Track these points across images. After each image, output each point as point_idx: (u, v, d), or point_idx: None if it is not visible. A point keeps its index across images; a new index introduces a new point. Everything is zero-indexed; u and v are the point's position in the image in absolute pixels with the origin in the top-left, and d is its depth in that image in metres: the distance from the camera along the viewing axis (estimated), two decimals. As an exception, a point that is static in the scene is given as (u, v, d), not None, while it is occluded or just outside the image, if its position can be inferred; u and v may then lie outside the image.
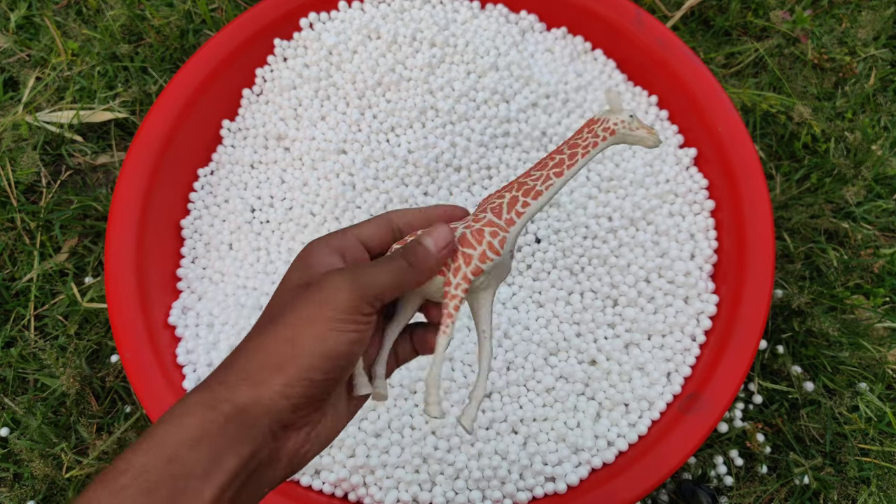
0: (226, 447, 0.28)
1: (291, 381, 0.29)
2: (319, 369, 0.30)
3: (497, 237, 0.34)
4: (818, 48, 0.87)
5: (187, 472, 0.27)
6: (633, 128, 0.36)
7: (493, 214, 0.35)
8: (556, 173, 0.36)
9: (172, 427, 0.28)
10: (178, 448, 0.27)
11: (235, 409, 0.29)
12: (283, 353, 0.30)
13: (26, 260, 0.75)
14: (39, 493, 0.65)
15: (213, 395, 0.29)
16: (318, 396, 0.31)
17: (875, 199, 0.79)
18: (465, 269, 0.34)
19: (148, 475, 0.26)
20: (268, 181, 0.72)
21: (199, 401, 0.29)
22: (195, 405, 0.29)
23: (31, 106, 0.82)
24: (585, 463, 0.60)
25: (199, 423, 0.28)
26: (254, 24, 0.74)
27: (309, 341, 0.30)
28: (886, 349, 0.71)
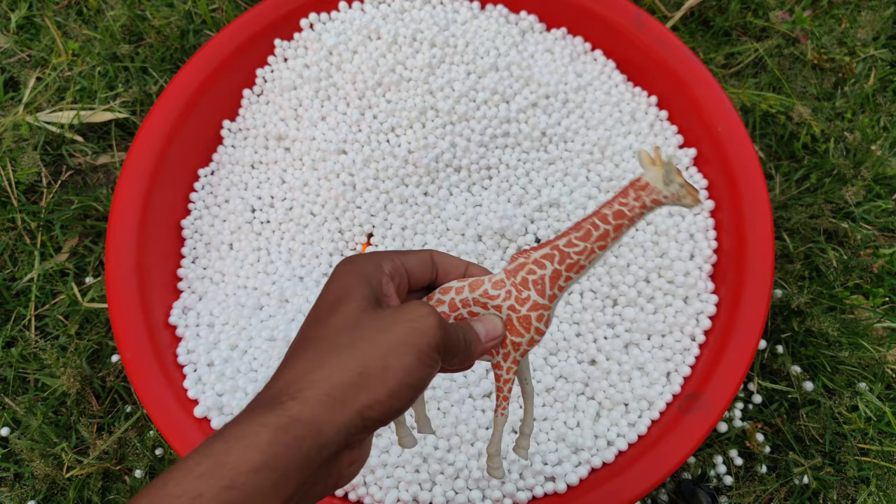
0: (291, 470, 0.26)
1: (374, 403, 0.28)
2: (401, 397, 0.29)
3: (542, 320, 0.35)
4: (818, 48, 0.87)
5: (244, 499, 0.25)
6: (681, 196, 0.33)
7: (536, 292, 0.34)
8: (599, 247, 0.34)
9: (237, 448, 0.26)
10: (241, 473, 0.25)
11: (309, 428, 0.27)
12: (370, 374, 0.29)
13: (27, 260, 0.75)
14: (40, 492, 0.65)
15: (285, 412, 0.27)
16: (386, 422, 0.30)
17: (874, 199, 0.79)
18: (514, 354, 0.35)
19: (201, 501, 0.25)
20: (268, 181, 0.72)
21: (267, 419, 0.27)
22: (263, 424, 0.27)
23: (32, 106, 0.82)
24: (585, 462, 0.60)
25: (267, 445, 0.26)
26: (254, 24, 0.74)
27: (399, 368, 0.29)
28: (886, 349, 0.71)
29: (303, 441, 0.27)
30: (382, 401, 0.28)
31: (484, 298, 0.35)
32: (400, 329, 0.30)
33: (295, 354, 0.31)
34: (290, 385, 0.29)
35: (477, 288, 0.35)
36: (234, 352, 0.63)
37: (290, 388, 0.28)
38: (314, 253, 0.68)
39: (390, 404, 0.29)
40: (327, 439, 0.27)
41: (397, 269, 0.34)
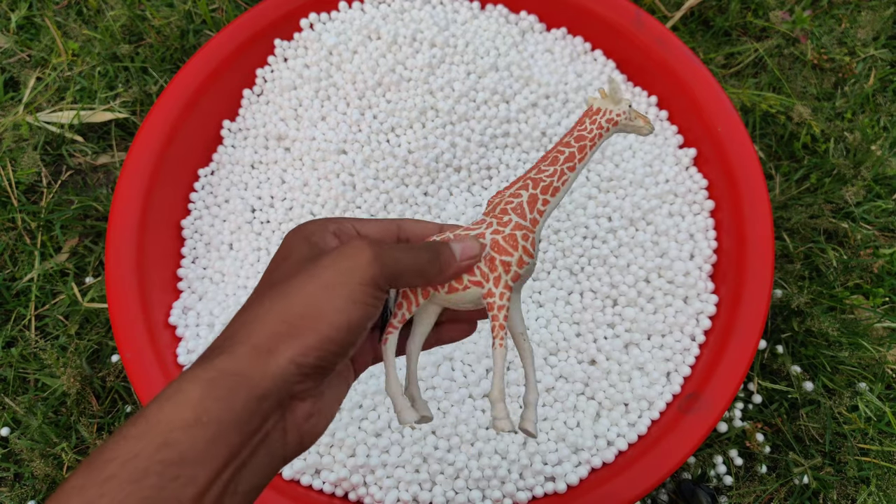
0: (229, 424, 0.26)
1: (306, 350, 0.28)
2: (336, 341, 0.28)
3: (528, 240, 0.34)
4: (818, 48, 0.87)
5: (181, 457, 0.25)
6: (633, 118, 0.36)
7: (516, 216, 0.35)
8: (569, 167, 0.36)
9: (167, 406, 0.26)
10: (173, 430, 0.25)
11: (241, 379, 0.26)
12: (297, 322, 0.28)
13: (27, 260, 0.75)
14: (40, 492, 0.65)
15: (214, 367, 0.27)
16: (328, 368, 0.29)
17: (874, 199, 0.79)
18: (505, 277, 0.33)
19: (136, 462, 0.24)
20: (268, 181, 0.72)
21: (197, 374, 0.27)
22: (193, 380, 0.26)
23: (32, 106, 0.82)
24: (585, 462, 0.60)
25: (198, 400, 0.26)
26: (254, 24, 0.74)
27: (329, 311, 0.28)
28: (886, 349, 0.71)
29: (234, 393, 0.26)
30: (315, 345, 0.28)
31: (464, 233, 0.35)
32: (328, 272, 0.29)
33: (236, 315, 0.30)
34: (222, 342, 0.28)
35: (456, 230, 0.35)
36: (234, 352, 0.63)
37: (222, 344, 0.28)
38: (314, 253, 0.68)
39: (324, 348, 0.28)
40: (263, 391, 0.27)
41: (344, 230, 0.34)
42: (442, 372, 0.62)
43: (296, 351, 0.28)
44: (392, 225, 0.36)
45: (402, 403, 0.34)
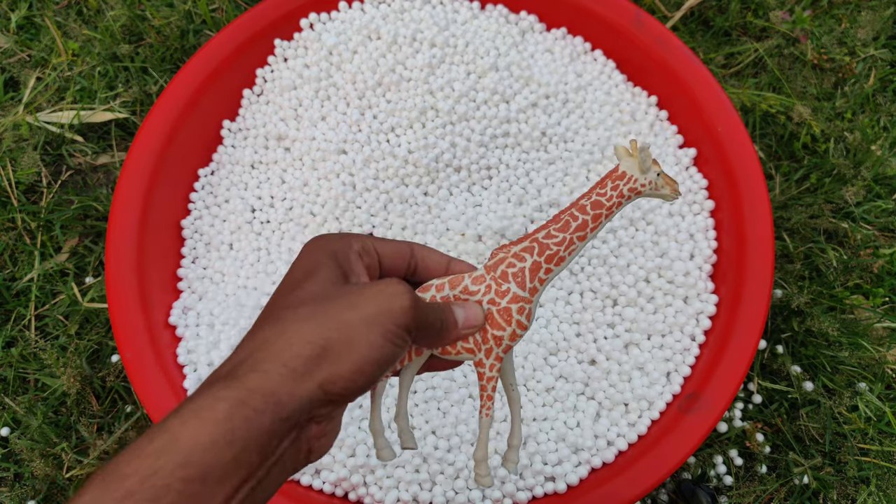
0: (252, 444, 0.25)
1: (336, 378, 0.28)
2: (365, 373, 0.29)
3: (524, 313, 0.34)
4: (818, 48, 0.87)
5: (203, 476, 0.24)
6: (659, 186, 0.34)
7: (516, 285, 0.34)
8: (579, 237, 0.34)
9: (192, 423, 0.25)
10: (196, 450, 0.25)
11: (269, 401, 0.26)
12: (333, 347, 0.28)
13: (27, 260, 0.75)
14: (40, 492, 0.65)
15: (244, 385, 0.26)
16: (349, 398, 0.29)
17: (874, 199, 0.79)
18: (496, 349, 0.34)
19: (156, 479, 0.24)
20: (268, 181, 0.72)
21: (224, 393, 0.26)
22: (220, 398, 0.26)
23: (32, 106, 0.82)
24: (585, 462, 0.60)
25: (224, 419, 0.25)
26: (254, 24, 0.74)
27: (364, 344, 0.28)
28: (886, 349, 0.71)
29: (262, 415, 0.26)
30: (345, 375, 0.28)
31: (464, 295, 0.35)
32: (369, 305, 0.29)
33: (257, 327, 0.30)
34: (249, 357, 0.28)
35: (457, 284, 0.35)
36: (234, 352, 0.63)
37: (248, 359, 0.28)
38: (314, 253, 0.68)
39: (353, 379, 0.28)
40: (288, 412, 0.27)
41: (367, 250, 0.34)
42: (442, 372, 0.62)
43: (326, 377, 0.28)
44: (406, 248, 0.36)
45: (382, 442, 0.36)
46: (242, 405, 0.26)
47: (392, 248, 0.35)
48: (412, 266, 0.36)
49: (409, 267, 0.36)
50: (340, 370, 0.28)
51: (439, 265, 0.37)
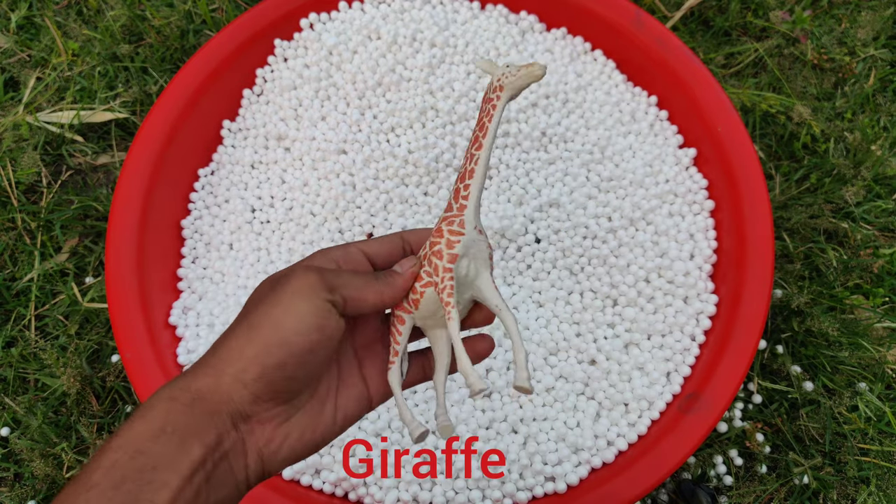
0: (190, 435, 0.29)
1: (245, 366, 0.30)
2: (273, 356, 0.30)
3: (454, 223, 0.36)
4: (818, 48, 0.87)
5: (153, 464, 0.28)
6: (516, 72, 0.36)
7: (444, 212, 0.37)
8: (476, 148, 0.37)
9: (138, 421, 0.29)
10: (144, 441, 0.28)
11: (195, 396, 0.30)
12: (240, 342, 0.31)
13: (27, 260, 0.75)
14: (40, 492, 0.65)
15: (176, 386, 0.30)
16: (278, 387, 0.31)
17: (874, 199, 0.79)
18: (440, 262, 0.35)
19: (115, 470, 0.27)
20: (268, 181, 0.72)
21: (163, 394, 0.30)
22: (159, 399, 0.30)
23: (32, 106, 0.82)
24: (585, 462, 0.60)
25: (162, 414, 0.29)
26: (254, 24, 0.74)
27: (266, 329, 0.31)
28: (886, 349, 0.71)
29: (192, 407, 0.29)
30: (254, 361, 0.30)
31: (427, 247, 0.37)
32: (272, 293, 0.32)
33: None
34: (187, 369, 0.32)
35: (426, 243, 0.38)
36: (234, 352, 0.63)
37: (186, 371, 0.32)
38: (314, 253, 0.68)
39: (263, 362, 0.30)
40: (214, 405, 0.30)
41: (349, 257, 0.36)
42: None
43: (237, 368, 0.30)
44: (396, 238, 0.38)
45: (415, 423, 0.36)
46: (174, 401, 0.29)
47: (381, 244, 0.37)
48: (408, 251, 0.38)
49: (405, 254, 0.38)
50: (246, 359, 0.30)
51: (426, 236, 0.38)
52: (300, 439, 0.33)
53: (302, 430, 0.33)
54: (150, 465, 0.28)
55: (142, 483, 0.27)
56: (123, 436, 0.29)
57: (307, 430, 0.33)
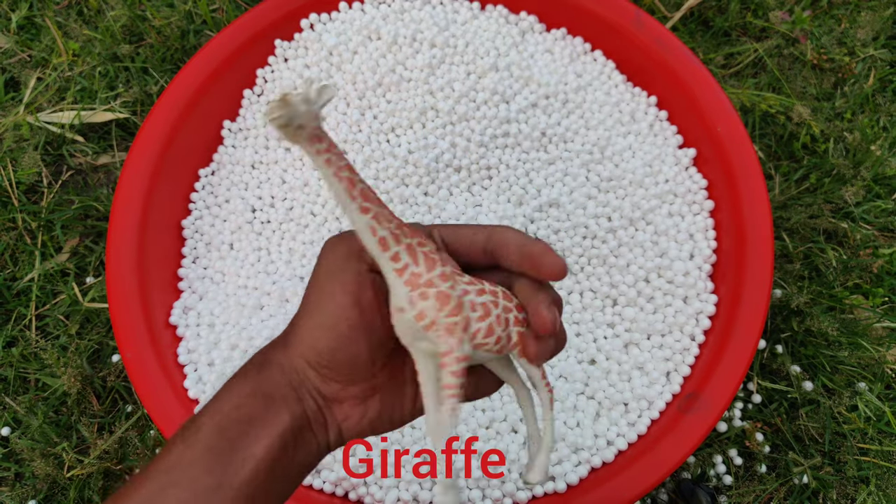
0: (279, 400, 0.31)
1: (305, 351, 0.32)
2: (323, 340, 0.31)
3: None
4: (817, 48, 0.87)
5: (250, 417, 0.30)
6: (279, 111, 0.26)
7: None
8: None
9: (237, 381, 0.32)
10: (243, 397, 0.31)
11: (280, 369, 0.32)
12: (301, 325, 0.32)
13: (27, 260, 0.75)
14: (41, 492, 0.65)
15: (266, 355, 0.33)
16: (341, 369, 0.31)
17: (874, 199, 0.79)
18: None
19: (220, 417, 0.30)
20: (268, 181, 0.72)
21: (255, 359, 0.33)
22: (252, 364, 0.33)
23: (33, 106, 0.82)
24: (585, 462, 0.60)
25: (254, 379, 0.32)
26: (254, 24, 0.75)
27: (315, 314, 0.31)
28: (885, 349, 0.71)
29: (280, 377, 0.32)
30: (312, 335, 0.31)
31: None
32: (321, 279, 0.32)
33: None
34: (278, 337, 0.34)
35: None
36: (235, 352, 0.63)
37: (276, 338, 0.34)
38: (315, 253, 0.68)
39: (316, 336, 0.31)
40: (298, 380, 0.32)
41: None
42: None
43: (300, 351, 0.32)
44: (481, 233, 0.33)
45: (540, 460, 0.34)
46: (262, 368, 0.32)
47: (459, 233, 0.33)
48: (489, 251, 0.33)
49: (485, 252, 0.33)
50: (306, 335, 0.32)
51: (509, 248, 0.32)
52: (378, 418, 0.33)
53: (379, 410, 0.33)
54: (247, 417, 0.30)
55: (240, 433, 0.30)
56: (227, 390, 0.31)
57: (385, 410, 0.33)
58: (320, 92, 0.26)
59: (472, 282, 0.31)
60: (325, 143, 0.27)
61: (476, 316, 0.30)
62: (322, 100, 0.26)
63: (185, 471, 0.29)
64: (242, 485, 0.29)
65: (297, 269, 0.67)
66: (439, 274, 0.29)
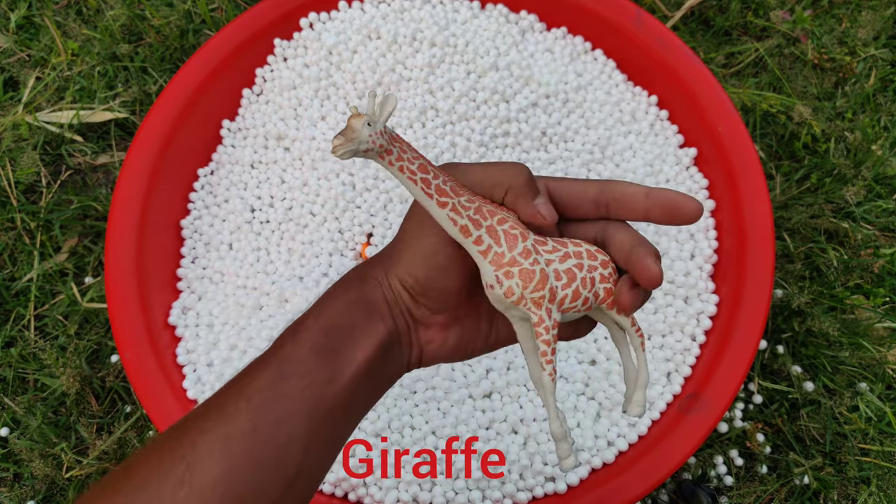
0: (376, 312, 0.33)
1: (403, 276, 0.34)
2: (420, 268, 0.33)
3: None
4: (818, 48, 0.87)
5: (353, 324, 0.33)
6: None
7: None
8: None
9: (341, 289, 0.34)
10: (347, 304, 0.33)
11: (378, 284, 0.34)
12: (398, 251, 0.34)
13: (26, 260, 0.75)
14: (39, 492, 0.65)
15: (367, 270, 0.35)
16: (433, 296, 0.33)
17: (875, 199, 0.79)
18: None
19: (325, 320, 0.32)
20: (268, 181, 0.72)
21: (356, 273, 0.35)
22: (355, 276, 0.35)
23: (31, 106, 0.82)
24: (585, 463, 0.60)
25: (357, 289, 0.34)
26: (254, 24, 0.74)
27: (412, 245, 0.34)
28: (886, 349, 0.71)
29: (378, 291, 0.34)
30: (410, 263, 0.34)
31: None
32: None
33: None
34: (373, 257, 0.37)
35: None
36: (234, 352, 0.63)
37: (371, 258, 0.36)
38: (314, 253, 0.68)
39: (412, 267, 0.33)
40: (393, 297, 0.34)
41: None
42: (442, 372, 0.62)
43: (397, 274, 0.34)
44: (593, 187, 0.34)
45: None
46: (364, 282, 0.34)
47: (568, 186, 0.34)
48: (602, 203, 0.34)
49: (597, 205, 0.34)
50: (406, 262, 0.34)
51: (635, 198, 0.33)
52: (456, 347, 0.36)
53: (458, 339, 0.36)
54: (349, 324, 0.32)
55: (343, 338, 0.32)
56: (331, 297, 0.34)
57: (463, 341, 0.36)
58: (383, 106, 0.28)
59: (556, 248, 0.33)
60: (395, 153, 0.29)
61: (561, 284, 0.32)
62: (385, 114, 0.28)
63: (297, 365, 0.31)
64: (347, 382, 0.32)
65: (296, 269, 0.67)
66: (521, 251, 0.32)
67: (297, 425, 0.31)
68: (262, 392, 0.31)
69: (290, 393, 0.31)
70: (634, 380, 0.36)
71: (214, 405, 0.31)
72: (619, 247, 0.33)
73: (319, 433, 0.31)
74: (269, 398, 0.30)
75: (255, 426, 0.30)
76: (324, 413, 0.31)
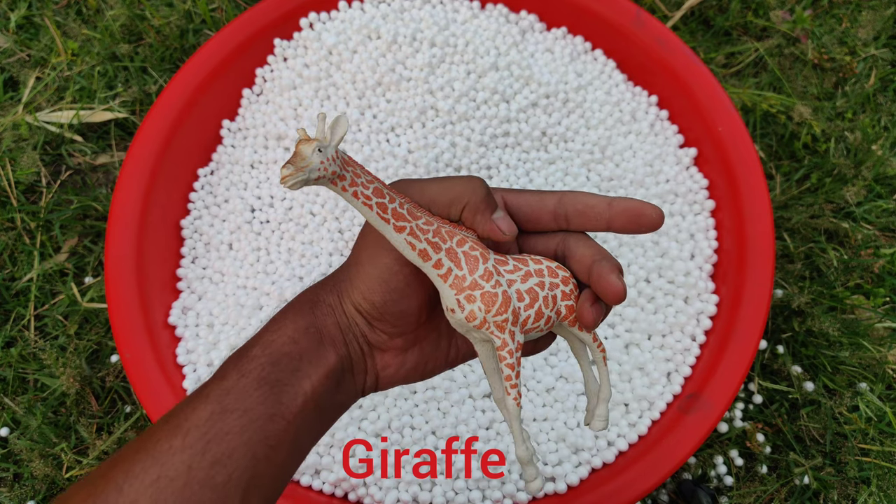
0: (327, 340, 0.32)
1: (358, 301, 0.33)
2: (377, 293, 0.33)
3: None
4: (818, 48, 0.87)
5: (300, 354, 0.31)
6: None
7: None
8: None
9: (290, 315, 0.33)
10: (296, 332, 0.32)
11: (331, 310, 0.34)
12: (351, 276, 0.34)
13: (26, 260, 0.75)
14: (39, 493, 0.65)
15: (317, 296, 0.34)
16: (390, 320, 0.33)
17: (875, 199, 0.79)
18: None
19: (274, 348, 0.31)
20: (268, 181, 0.72)
21: (306, 297, 0.34)
22: (305, 300, 0.34)
23: (31, 106, 0.82)
24: (585, 463, 0.60)
25: (308, 315, 0.33)
26: (254, 24, 0.74)
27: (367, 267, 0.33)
28: (886, 349, 0.71)
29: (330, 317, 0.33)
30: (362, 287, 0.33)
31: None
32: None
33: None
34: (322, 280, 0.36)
35: None
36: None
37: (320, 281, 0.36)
38: (314, 253, 0.68)
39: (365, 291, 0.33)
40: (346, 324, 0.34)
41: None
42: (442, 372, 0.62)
43: (353, 300, 0.33)
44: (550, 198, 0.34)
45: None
46: (315, 307, 0.34)
47: (525, 198, 0.34)
48: (561, 215, 0.33)
49: (556, 217, 0.33)
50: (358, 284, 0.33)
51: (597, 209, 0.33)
52: (415, 368, 0.35)
53: (417, 361, 0.35)
54: (298, 353, 0.31)
55: (290, 369, 0.31)
56: (279, 323, 0.33)
57: (421, 361, 0.35)
58: (334, 128, 0.27)
59: (517, 267, 0.32)
60: (349, 178, 0.28)
61: (524, 305, 0.32)
62: (336, 137, 0.27)
63: (240, 398, 0.30)
64: (293, 417, 0.31)
65: (296, 269, 0.67)
66: (482, 273, 0.31)
67: (237, 465, 0.29)
68: (200, 428, 0.29)
69: (230, 429, 0.29)
70: (596, 393, 0.35)
71: (148, 442, 0.29)
72: (581, 260, 0.33)
73: (261, 473, 0.29)
74: (206, 435, 0.28)
75: (190, 467, 0.28)
76: (266, 451, 0.29)
